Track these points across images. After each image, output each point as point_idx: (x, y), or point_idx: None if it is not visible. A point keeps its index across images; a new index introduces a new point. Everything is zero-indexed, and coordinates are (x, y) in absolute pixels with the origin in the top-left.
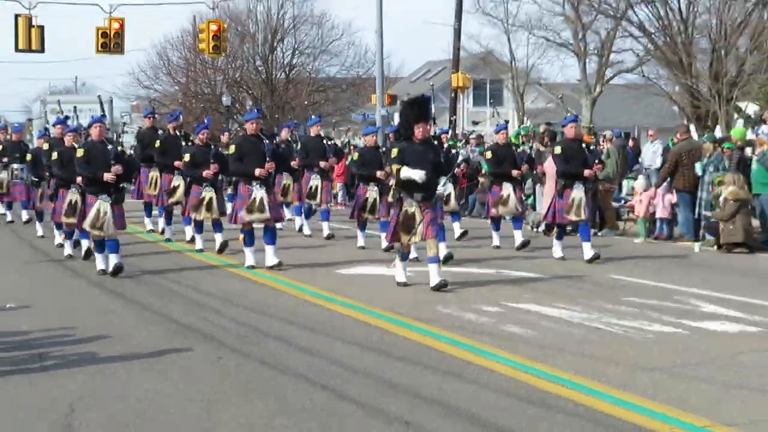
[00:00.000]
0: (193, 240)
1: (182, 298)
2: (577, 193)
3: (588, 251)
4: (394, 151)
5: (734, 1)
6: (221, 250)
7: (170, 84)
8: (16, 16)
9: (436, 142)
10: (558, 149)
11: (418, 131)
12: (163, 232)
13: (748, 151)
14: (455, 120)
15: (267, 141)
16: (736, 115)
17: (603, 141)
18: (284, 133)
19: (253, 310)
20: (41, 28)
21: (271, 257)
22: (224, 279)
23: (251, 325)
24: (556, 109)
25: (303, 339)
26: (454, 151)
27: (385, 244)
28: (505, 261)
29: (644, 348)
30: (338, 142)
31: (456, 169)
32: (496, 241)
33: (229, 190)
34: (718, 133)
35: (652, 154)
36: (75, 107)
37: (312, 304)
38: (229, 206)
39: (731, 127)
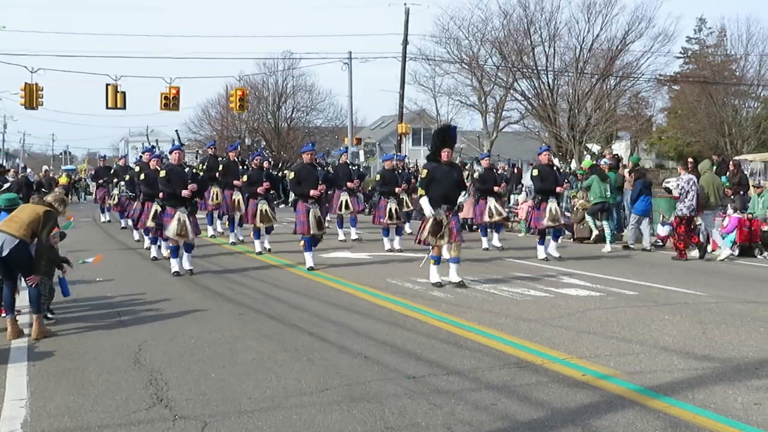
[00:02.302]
0: (238, 242)
1: (216, 275)
2: (552, 204)
3: (554, 251)
4: (424, 172)
5: (583, 77)
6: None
7: (210, 130)
8: (107, 85)
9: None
10: (535, 171)
11: (444, 155)
12: (219, 235)
13: None
14: (404, 155)
15: (320, 168)
16: (585, 152)
17: (500, 168)
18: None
19: (264, 282)
20: (123, 93)
21: (310, 260)
22: (247, 262)
23: (263, 291)
24: (467, 149)
25: (297, 301)
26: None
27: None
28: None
29: (524, 306)
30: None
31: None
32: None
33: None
34: (573, 164)
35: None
36: (156, 140)
37: (304, 278)
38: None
39: (582, 160)
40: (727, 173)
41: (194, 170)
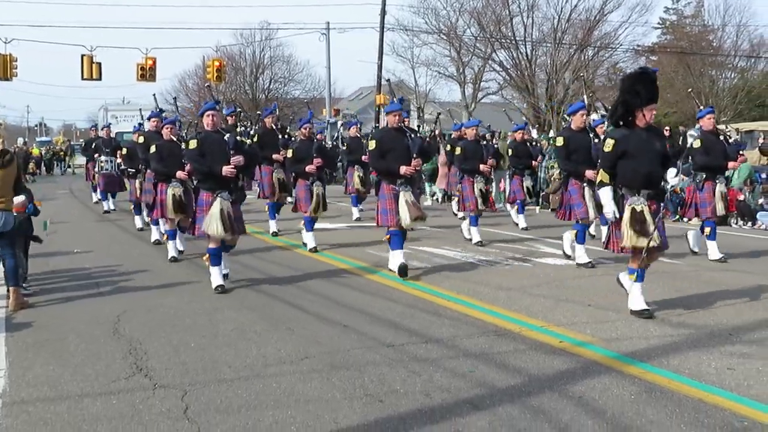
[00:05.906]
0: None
1: (196, 246)
2: (721, 186)
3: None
4: (609, 143)
5: (561, 47)
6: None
7: (187, 102)
8: (82, 56)
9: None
10: (697, 143)
11: (648, 114)
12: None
13: None
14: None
15: (411, 135)
16: (563, 123)
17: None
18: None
19: (244, 252)
20: (99, 64)
21: (400, 258)
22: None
23: (241, 263)
24: (445, 119)
25: (277, 272)
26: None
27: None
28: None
29: (503, 275)
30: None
31: None
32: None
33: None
34: (551, 134)
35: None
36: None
37: (283, 249)
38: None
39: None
40: None
41: (237, 137)
